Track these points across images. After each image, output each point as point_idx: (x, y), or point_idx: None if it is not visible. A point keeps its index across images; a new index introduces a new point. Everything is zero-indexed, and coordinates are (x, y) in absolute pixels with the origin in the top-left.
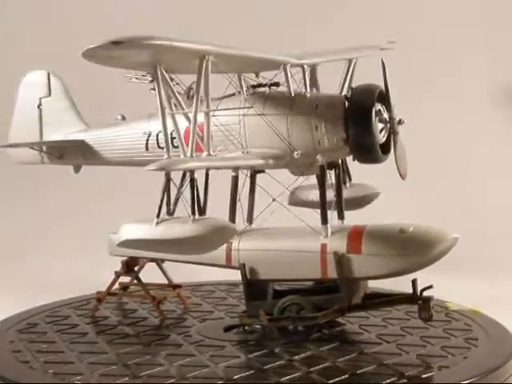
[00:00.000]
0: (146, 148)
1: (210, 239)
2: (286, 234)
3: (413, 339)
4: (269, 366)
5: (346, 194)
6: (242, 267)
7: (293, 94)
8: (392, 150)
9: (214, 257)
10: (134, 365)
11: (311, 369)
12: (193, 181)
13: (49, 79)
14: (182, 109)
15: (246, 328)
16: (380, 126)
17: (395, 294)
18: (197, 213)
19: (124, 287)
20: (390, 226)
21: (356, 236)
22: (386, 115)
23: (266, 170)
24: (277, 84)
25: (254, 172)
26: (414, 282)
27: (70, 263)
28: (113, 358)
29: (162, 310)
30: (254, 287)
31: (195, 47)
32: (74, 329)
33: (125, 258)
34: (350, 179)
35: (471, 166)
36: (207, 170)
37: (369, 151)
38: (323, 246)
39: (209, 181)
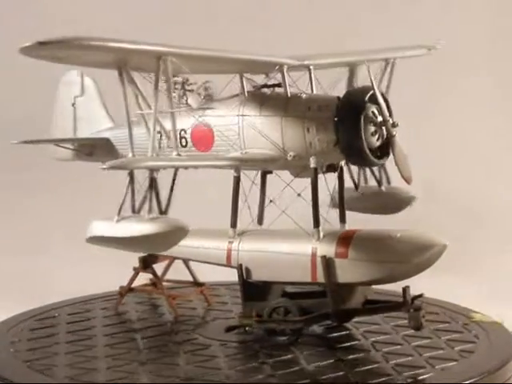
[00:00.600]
0: (159, 147)
1: (162, 238)
2: (281, 236)
3: (404, 348)
4: (237, 368)
5: (380, 198)
6: (238, 267)
7: (289, 96)
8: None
9: (216, 256)
10: (110, 359)
11: (277, 372)
12: (152, 180)
13: (82, 79)
14: (149, 108)
15: (247, 329)
16: (372, 128)
17: (390, 301)
18: (155, 212)
19: (153, 283)
20: (380, 232)
21: (345, 240)
22: (379, 118)
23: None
24: (279, 85)
25: (263, 173)
26: (404, 289)
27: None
28: (96, 352)
29: (175, 308)
30: (251, 288)
31: (133, 47)
32: (86, 322)
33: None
34: (389, 182)
35: (473, 166)
36: (176, 169)
37: (358, 154)
38: (314, 250)
39: (175, 180)
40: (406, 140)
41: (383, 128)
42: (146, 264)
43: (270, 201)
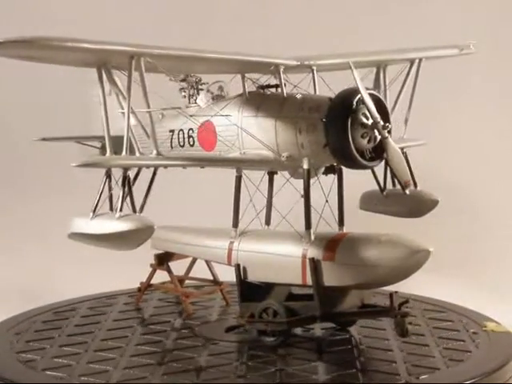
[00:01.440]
0: (171, 146)
1: (128, 237)
2: (276, 237)
3: (393, 355)
4: (216, 367)
5: (405, 201)
6: (236, 267)
7: (285, 96)
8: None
9: (219, 255)
10: (96, 354)
11: (249, 373)
12: (125, 178)
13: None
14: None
15: (247, 329)
16: (361, 130)
17: (378, 306)
18: (128, 210)
19: (178, 280)
20: (368, 236)
21: (333, 243)
22: (370, 120)
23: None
24: (277, 85)
25: (269, 173)
26: (391, 295)
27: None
28: (89, 346)
29: (188, 305)
30: (248, 288)
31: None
32: (100, 316)
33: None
34: (416, 186)
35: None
36: (155, 168)
37: (346, 156)
38: (304, 252)
39: (154, 180)
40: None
41: (375, 130)
42: (161, 261)
43: (269, 202)
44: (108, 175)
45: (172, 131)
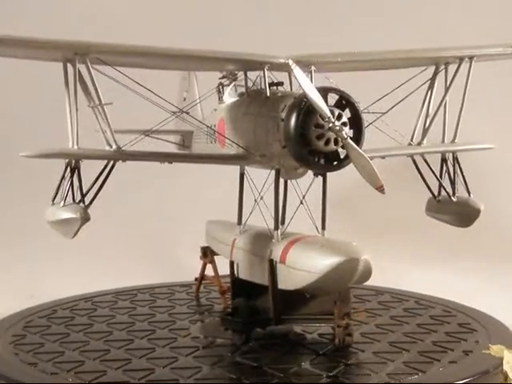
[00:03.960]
0: (207, 142)
1: (66, 225)
2: (259, 236)
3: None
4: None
5: (452, 209)
6: (230, 265)
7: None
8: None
9: (226, 251)
10: (87, 339)
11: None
12: (73, 170)
13: (189, 75)
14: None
15: None
16: (317, 131)
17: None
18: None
19: None
20: (317, 241)
21: (289, 246)
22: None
23: None
24: (280, 83)
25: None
26: (335, 302)
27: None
28: (93, 328)
29: (225, 299)
30: (240, 285)
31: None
32: (147, 302)
33: None
34: (469, 193)
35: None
36: (114, 162)
37: (301, 159)
38: (269, 253)
39: (110, 174)
40: None
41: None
42: (205, 253)
43: (255, 200)
44: (68, 166)
45: (208, 127)
